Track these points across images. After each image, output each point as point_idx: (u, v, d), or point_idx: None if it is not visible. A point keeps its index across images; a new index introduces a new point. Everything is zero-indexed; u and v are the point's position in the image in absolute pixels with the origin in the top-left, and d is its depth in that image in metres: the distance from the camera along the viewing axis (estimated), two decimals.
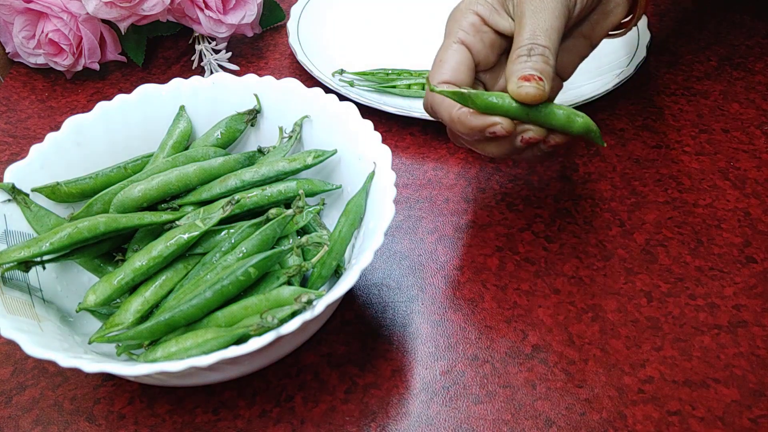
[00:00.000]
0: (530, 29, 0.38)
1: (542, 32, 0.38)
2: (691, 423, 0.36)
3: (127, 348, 0.35)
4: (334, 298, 0.31)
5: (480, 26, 0.41)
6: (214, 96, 0.44)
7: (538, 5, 0.39)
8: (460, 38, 0.41)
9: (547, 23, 0.38)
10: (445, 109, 0.39)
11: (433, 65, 0.41)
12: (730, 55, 0.62)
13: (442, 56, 0.41)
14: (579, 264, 0.44)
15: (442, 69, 0.40)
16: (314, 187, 0.41)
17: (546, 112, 0.37)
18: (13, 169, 0.39)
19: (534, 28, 0.38)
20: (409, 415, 0.36)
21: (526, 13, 0.39)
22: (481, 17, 0.41)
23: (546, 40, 0.38)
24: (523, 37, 0.38)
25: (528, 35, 0.38)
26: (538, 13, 0.38)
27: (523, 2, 0.39)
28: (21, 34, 0.58)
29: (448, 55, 0.40)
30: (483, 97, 0.36)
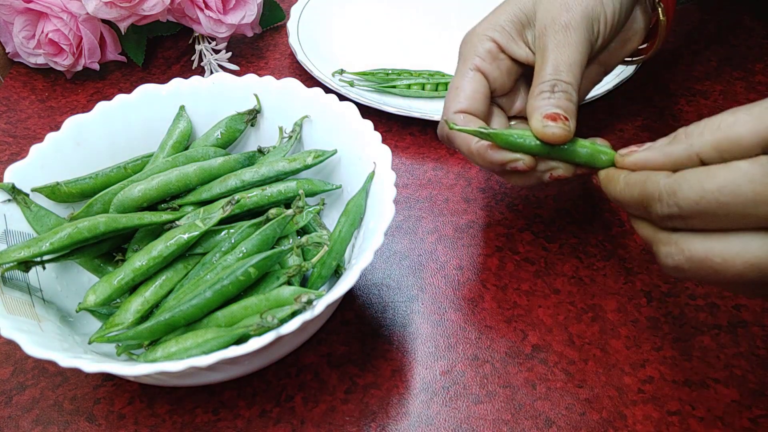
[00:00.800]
0: (553, 64, 0.37)
1: (565, 67, 0.37)
2: (691, 423, 0.36)
3: (127, 348, 0.35)
4: (334, 298, 0.31)
5: (497, 53, 0.40)
6: (214, 96, 0.44)
7: (561, 39, 0.38)
8: (476, 65, 0.40)
9: (570, 58, 0.37)
10: (462, 141, 0.38)
11: (448, 93, 0.40)
12: (730, 55, 0.62)
13: (458, 83, 0.40)
14: (579, 264, 0.44)
15: (458, 98, 0.39)
16: (314, 187, 0.41)
17: (570, 151, 0.36)
18: (13, 169, 0.39)
19: (557, 63, 0.37)
20: (409, 415, 0.36)
21: (549, 46, 0.38)
22: (498, 44, 0.40)
23: (569, 75, 0.37)
24: (546, 72, 0.37)
25: (551, 70, 0.37)
26: (561, 48, 0.37)
27: (546, 35, 0.38)
28: (21, 34, 0.58)
29: (464, 83, 0.40)
30: (504, 136, 0.36)
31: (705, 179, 0.28)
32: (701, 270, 0.29)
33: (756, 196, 0.26)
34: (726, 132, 0.28)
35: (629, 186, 0.32)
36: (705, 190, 0.28)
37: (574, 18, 0.38)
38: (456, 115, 0.39)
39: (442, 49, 0.62)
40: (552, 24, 0.38)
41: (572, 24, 0.38)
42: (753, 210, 0.27)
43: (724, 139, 0.28)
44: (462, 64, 0.41)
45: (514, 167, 0.36)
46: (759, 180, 0.26)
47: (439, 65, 0.59)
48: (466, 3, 0.66)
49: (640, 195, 0.31)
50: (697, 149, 0.29)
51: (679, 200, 0.29)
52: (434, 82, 0.56)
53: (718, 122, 0.29)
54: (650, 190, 0.30)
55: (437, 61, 0.60)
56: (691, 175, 0.29)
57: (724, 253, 0.28)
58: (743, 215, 0.27)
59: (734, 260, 0.28)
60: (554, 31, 0.38)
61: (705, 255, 0.28)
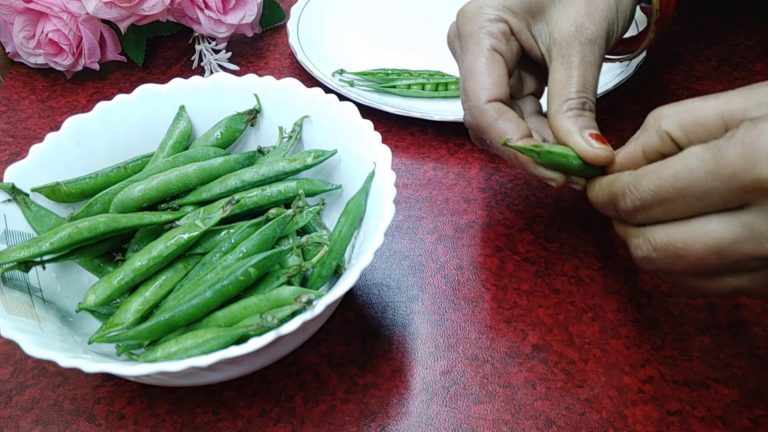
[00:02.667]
0: (581, 81, 0.37)
1: (591, 86, 0.37)
2: (691, 423, 0.36)
3: (127, 348, 0.35)
4: (334, 298, 0.31)
5: (509, 35, 0.39)
6: (214, 96, 0.44)
7: (588, 55, 0.37)
8: (493, 46, 0.38)
9: (595, 77, 0.38)
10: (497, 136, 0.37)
11: (470, 77, 0.38)
12: (730, 55, 0.62)
13: (479, 66, 0.38)
14: (579, 264, 0.44)
15: (485, 83, 0.38)
16: (314, 187, 0.41)
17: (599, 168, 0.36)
18: (13, 169, 0.39)
19: (584, 81, 0.37)
20: (409, 415, 0.36)
21: (576, 61, 0.37)
22: (512, 28, 0.39)
23: (593, 94, 0.37)
24: (572, 89, 0.37)
25: (577, 87, 0.37)
26: (587, 65, 0.37)
27: (571, 47, 0.38)
28: (21, 34, 0.58)
29: (487, 66, 0.38)
30: (552, 155, 0.35)
31: (661, 169, 0.29)
32: (667, 257, 0.30)
33: (707, 175, 0.27)
34: (693, 113, 0.30)
35: (602, 188, 0.34)
36: (661, 178, 0.29)
37: (599, 33, 0.38)
38: (489, 105, 0.37)
39: (442, 49, 0.62)
40: (578, 35, 0.38)
41: (597, 40, 0.38)
42: (707, 189, 0.27)
43: (689, 121, 0.30)
44: (475, 44, 0.39)
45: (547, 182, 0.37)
46: (710, 159, 0.27)
47: (439, 65, 0.59)
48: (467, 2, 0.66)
49: (609, 195, 0.33)
50: (665, 128, 0.31)
51: (640, 193, 0.30)
52: (434, 82, 0.56)
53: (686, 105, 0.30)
54: (615, 188, 0.32)
55: (437, 61, 0.60)
56: (649, 168, 0.30)
57: (685, 237, 0.29)
58: (699, 197, 0.28)
59: (695, 244, 0.29)
60: (580, 44, 0.37)
61: (668, 241, 0.30)
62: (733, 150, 0.27)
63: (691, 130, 0.30)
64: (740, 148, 0.26)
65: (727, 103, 0.29)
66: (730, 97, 0.29)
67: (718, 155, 0.27)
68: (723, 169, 0.27)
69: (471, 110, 0.38)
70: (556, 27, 0.38)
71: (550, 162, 0.36)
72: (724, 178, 0.27)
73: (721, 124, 0.29)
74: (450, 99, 0.57)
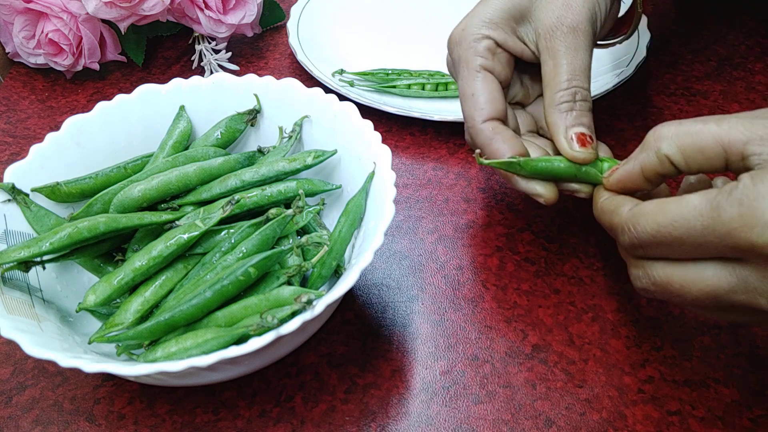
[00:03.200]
0: (569, 69, 0.37)
1: (581, 72, 0.38)
2: (691, 423, 0.36)
3: (127, 348, 0.35)
4: (334, 298, 0.31)
5: (494, 49, 0.40)
6: (214, 96, 0.44)
7: (571, 42, 0.38)
8: (481, 65, 0.39)
9: (584, 62, 0.38)
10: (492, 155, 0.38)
11: (465, 101, 0.40)
12: (730, 55, 0.62)
13: (471, 89, 0.39)
14: (579, 264, 0.44)
15: (479, 104, 0.39)
16: (314, 187, 0.41)
17: (595, 171, 0.37)
18: (13, 169, 0.39)
19: (573, 68, 0.37)
20: (409, 415, 0.36)
21: (560, 49, 0.38)
22: (496, 41, 0.40)
23: (585, 80, 0.38)
24: (562, 77, 0.37)
25: (567, 76, 0.37)
26: (573, 51, 0.38)
27: (554, 37, 0.38)
28: (21, 34, 0.58)
29: (477, 87, 0.39)
30: (532, 164, 0.37)
31: (659, 213, 0.30)
32: (665, 293, 0.31)
33: (704, 230, 0.28)
34: (693, 138, 0.30)
35: (603, 213, 0.35)
36: (659, 224, 0.30)
37: (580, 19, 0.38)
38: (485, 125, 0.38)
39: (442, 49, 0.62)
40: (559, 25, 0.38)
41: (580, 26, 0.38)
42: (703, 241, 0.28)
43: (689, 145, 0.30)
44: (465, 68, 0.40)
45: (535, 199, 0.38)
46: (707, 214, 0.28)
47: (439, 65, 0.58)
48: (467, 3, 0.66)
49: (609, 224, 0.34)
50: (665, 152, 0.31)
51: (638, 233, 0.31)
52: (434, 82, 0.56)
53: (687, 128, 0.30)
54: (615, 221, 0.33)
55: (437, 61, 0.60)
56: (647, 209, 0.31)
57: (682, 280, 0.30)
58: (696, 246, 0.29)
59: (690, 287, 0.30)
60: (563, 33, 0.38)
61: (667, 280, 0.31)
62: (730, 210, 0.27)
63: (691, 156, 0.30)
64: (737, 209, 0.27)
65: (729, 132, 0.29)
66: (733, 124, 0.29)
67: (715, 213, 0.28)
68: (719, 227, 0.27)
69: (469, 131, 0.40)
70: (539, 23, 0.39)
71: (536, 171, 0.37)
72: (721, 235, 0.27)
73: (721, 152, 0.29)
74: (450, 99, 0.57)
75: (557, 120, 0.37)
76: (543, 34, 0.39)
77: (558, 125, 0.37)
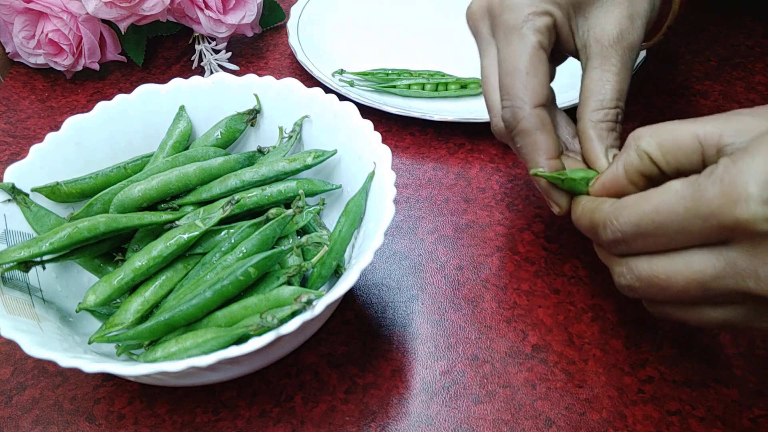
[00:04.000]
0: (618, 87, 0.37)
1: (625, 94, 0.37)
2: (691, 423, 0.36)
3: (127, 348, 0.35)
4: (334, 298, 0.31)
5: (552, 29, 0.37)
6: (214, 96, 0.44)
7: (628, 61, 0.37)
8: (539, 42, 0.36)
9: (629, 82, 0.37)
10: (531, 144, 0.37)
11: (514, 76, 0.36)
12: (730, 55, 0.62)
13: (526, 66, 0.36)
14: (579, 264, 0.44)
15: (533, 85, 0.36)
16: (314, 187, 0.41)
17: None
18: (13, 169, 0.39)
19: (622, 87, 0.37)
20: (409, 415, 0.36)
21: (617, 66, 0.37)
22: (556, 21, 0.37)
23: (624, 102, 0.37)
24: (611, 95, 0.36)
25: (617, 95, 0.37)
26: (626, 71, 0.37)
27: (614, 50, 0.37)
28: (21, 34, 0.58)
29: (533, 66, 0.36)
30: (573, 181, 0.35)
31: (641, 202, 0.29)
32: (650, 288, 0.30)
33: (687, 212, 0.27)
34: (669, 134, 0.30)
35: (583, 214, 0.34)
36: (642, 212, 0.29)
37: (639, 39, 0.37)
38: (535, 111, 0.36)
39: (442, 49, 0.62)
40: (620, 40, 0.37)
41: (636, 46, 0.37)
42: (687, 225, 0.28)
43: (667, 141, 0.30)
44: (519, 39, 0.36)
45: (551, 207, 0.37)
46: (690, 196, 0.27)
47: (439, 65, 0.59)
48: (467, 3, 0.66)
49: (590, 223, 0.33)
50: (644, 148, 0.31)
51: (621, 225, 0.30)
52: (434, 82, 0.56)
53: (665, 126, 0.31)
54: (596, 217, 0.32)
55: (437, 61, 0.60)
56: (629, 200, 0.30)
57: (668, 270, 0.29)
58: (679, 232, 0.28)
59: (677, 276, 0.29)
60: (623, 48, 0.37)
61: (651, 273, 0.30)
62: (712, 188, 0.27)
63: (669, 151, 0.30)
64: (719, 187, 0.26)
65: (704, 127, 0.29)
66: (707, 121, 0.29)
67: (697, 193, 0.27)
68: (702, 208, 0.27)
69: (514, 111, 0.37)
70: (598, 26, 0.37)
71: (572, 188, 0.36)
72: (704, 216, 0.27)
73: (697, 146, 0.29)
74: (450, 99, 0.57)
75: (597, 137, 0.36)
76: (601, 41, 0.37)
77: (597, 143, 0.36)
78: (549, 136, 0.36)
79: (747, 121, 0.29)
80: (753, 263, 0.27)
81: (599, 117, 0.37)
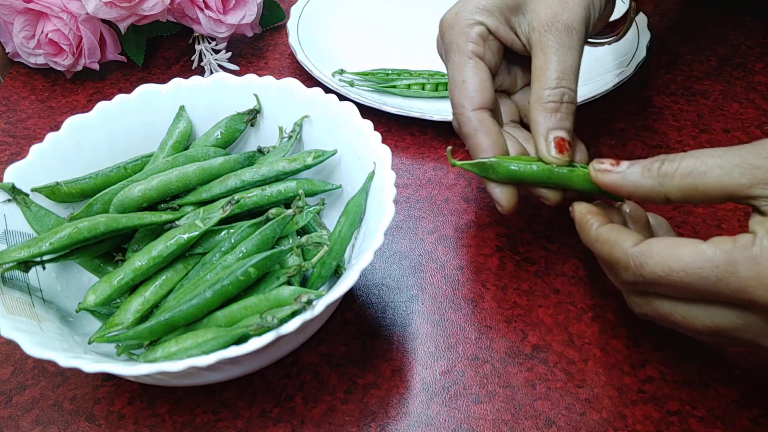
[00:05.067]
0: (560, 67, 0.37)
1: (571, 72, 0.37)
2: (691, 423, 0.36)
3: (127, 348, 0.35)
4: (334, 298, 0.31)
5: (486, 36, 0.40)
6: (214, 96, 0.44)
7: (565, 41, 0.38)
8: (472, 51, 0.39)
9: (575, 62, 0.38)
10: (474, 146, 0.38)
11: (454, 87, 0.39)
12: (730, 55, 0.62)
13: (462, 75, 0.39)
14: (579, 264, 0.44)
15: (468, 91, 0.39)
16: (314, 187, 0.41)
17: (569, 175, 0.37)
18: (13, 169, 0.39)
19: (564, 66, 0.37)
20: (409, 415, 0.36)
21: (553, 47, 0.38)
22: (489, 28, 0.40)
23: (573, 82, 0.38)
24: (551, 75, 0.37)
25: (557, 74, 0.37)
26: (565, 50, 0.37)
27: (549, 33, 0.38)
28: (21, 34, 0.58)
29: (469, 74, 0.39)
30: (504, 165, 0.37)
31: (670, 258, 0.30)
32: (666, 321, 0.32)
33: (719, 282, 0.28)
34: (695, 180, 0.30)
35: (599, 243, 0.34)
36: (671, 269, 0.30)
37: (575, 18, 0.38)
38: (473, 114, 0.38)
39: None
40: (554, 21, 0.38)
41: (574, 25, 0.38)
42: (714, 290, 0.29)
43: (691, 188, 0.30)
44: (456, 52, 0.40)
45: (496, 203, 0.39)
46: (723, 267, 0.28)
47: (439, 65, 0.58)
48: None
49: (608, 258, 0.33)
50: (665, 190, 0.31)
51: (645, 274, 0.31)
52: (434, 82, 0.56)
53: (691, 167, 0.30)
54: (617, 256, 0.32)
55: (437, 61, 0.59)
56: (657, 249, 0.30)
57: (686, 314, 0.31)
58: (705, 293, 0.29)
59: (694, 321, 0.31)
60: (557, 30, 0.38)
61: (670, 313, 0.31)
62: (747, 267, 0.27)
63: (692, 197, 0.31)
64: (754, 268, 0.27)
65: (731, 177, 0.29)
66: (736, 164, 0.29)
67: (732, 267, 0.28)
68: (734, 283, 0.28)
69: (456, 117, 0.40)
70: (534, 16, 0.39)
71: (508, 175, 0.37)
72: (734, 289, 0.28)
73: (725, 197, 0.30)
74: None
75: (541, 119, 0.37)
76: (537, 28, 0.38)
77: (540, 125, 0.37)
78: (488, 136, 0.38)
79: None
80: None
81: (542, 97, 0.37)
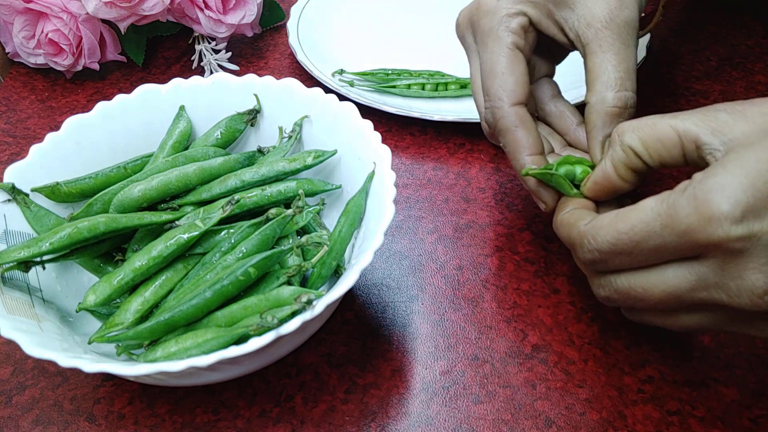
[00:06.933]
0: (622, 67, 0.36)
1: (632, 72, 0.36)
2: (691, 423, 0.36)
3: (127, 348, 0.35)
4: (334, 298, 0.31)
5: (528, 27, 0.38)
6: (214, 96, 0.44)
7: (626, 38, 0.36)
8: (513, 42, 0.38)
9: (634, 61, 0.36)
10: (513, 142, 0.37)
11: (492, 77, 0.38)
12: (730, 55, 0.62)
13: (501, 66, 0.37)
14: None
15: (509, 84, 0.37)
16: (314, 187, 0.41)
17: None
18: (13, 169, 0.39)
19: (626, 66, 0.36)
20: (409, 415, 0.36)
21: (615, 45, 0.36)
22: (531, 19, 0.38)
23: (634, 83, 0.36)
24: (615, 74, 0.36)
25: (620, 74, 0.35)
26: (626, 48, 0.36)
27: (608, 30, 0.36)
28: (21, 34, 0.58)
29: (509, 66, 0.37)
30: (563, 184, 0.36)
31: (618, 222, 0.30)
32: (628, 299, 0.32)
33: (664, 229, 0.28)
34: (651, 129, 0.31)
35: (561, 226, 0.35)
36: (619, 232, 0.30)
37: (633, 16, 0.37)
38: (512, 109, 0.37)
39: (442, 49, 0.62)
40: (613, 18, 0.36)
41: (633, 23, 0.37)
42: (662, 242, 0.29)
43: (648, 135, 0.31)
44: (494, 41, 0.38)
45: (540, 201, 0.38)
46: (665, 213, 0.28)
47: (439, 65, 0.59)
48: (467, 3, 0.66)
49: (568, 239, 0.34)
50: (628, 143, 0.32)
51: (598, 244, 0.31)
52: (434, 82, 0.56)
53: (646, 120, 0.32)
54: (574, 234, 0.33)
55: (437, 61, 0.60)
56: (605, 220, 0.31)
57: (644, 284, 0.31)
58: (655, 249, 0.29)
59: (653, 290, 0.30)
60: (617, 26, 0.36)
61: (628, 287, 0.31)
62: (686, 206, 0.28)
63: (651, 145, 0.31)
64: (693, 205, 0.28)
65: (683, 123, 0.30)
66: (686, 118, 0.30)
67: (671, 210, 0.28)
68: (677, 225, 0.28)
69: (493, 111, 0.38)
70: (587, 11, 0.37)
71: (561, 188, 0.36)
72: (679, 233, 0.28)
73: (677, 141, 0.30)
74: (450, 99, 0.57)
75: (600, 123, 0.36)
76: (593, 24, 0.36)
77: (599, 129, 0.36)
78: (529, 133, 0.37)
79: (724, 119, 0.29)
80: (723, 278, 0.28)
81: (605, 99, 0.36)
